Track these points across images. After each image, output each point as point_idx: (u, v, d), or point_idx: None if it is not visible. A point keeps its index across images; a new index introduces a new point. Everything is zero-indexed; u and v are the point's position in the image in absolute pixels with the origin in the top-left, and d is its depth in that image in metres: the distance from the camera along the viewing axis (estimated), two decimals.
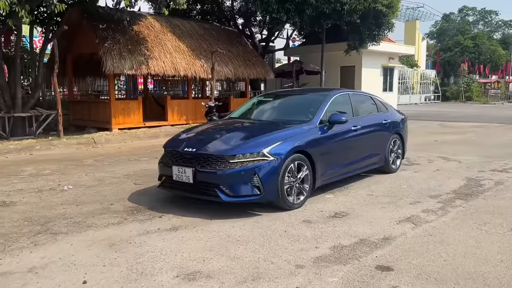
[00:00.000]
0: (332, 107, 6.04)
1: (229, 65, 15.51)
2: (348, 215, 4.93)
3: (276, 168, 4.87)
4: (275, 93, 7.72)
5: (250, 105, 7.05)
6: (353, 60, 19.90)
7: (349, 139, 6.12)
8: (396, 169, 7.36)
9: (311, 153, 5.30)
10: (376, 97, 7.48)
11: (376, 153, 6.83)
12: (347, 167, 6.15)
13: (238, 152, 4.85)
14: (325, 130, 5.69)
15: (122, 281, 3.26)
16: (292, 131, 5.42)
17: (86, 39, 13.26)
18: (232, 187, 4.77)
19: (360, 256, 3.74)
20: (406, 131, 7.87)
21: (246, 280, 3.28)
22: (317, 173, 5.43)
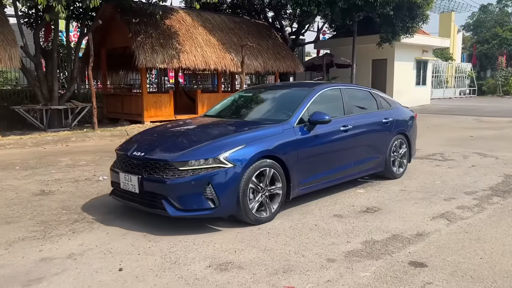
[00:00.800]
0: (317, 104, 5.21)
1: (259, 59, 15.50)
2: (380, 210, 4.86)
3: (235, 177, 4.11)
4: (258, 87, 6.63)
5: (229, 101, 6.19)
6: (385, 53, 19.53)
7: (337, 141, 5.28)
8: (400, 175, 6.45)
9: (284, 158, 4.53)
10: (378, 92, 6.58)
11: (374, 157, 5.96)
12: (335, 173, 5.30)
13: (190, 158, 4.09)
14: (305, 131, 4.86)
15: (156, 269, 3.34)
16: (261, 133, 4.60)
17: (119, 33, 13.52)
18: (181, 199, 4.03)
19: (392, 251, 3.69)
20: (415, 131, 6.93)
21: (277, 272, 3.29)
22: (292, 181, 4.65)
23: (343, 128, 5.35)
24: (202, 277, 3.21)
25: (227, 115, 5.71)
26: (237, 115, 5.64)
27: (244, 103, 6.02)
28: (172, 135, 4.89)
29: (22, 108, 11.64)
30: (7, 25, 10.52)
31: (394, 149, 6.29)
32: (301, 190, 4.85)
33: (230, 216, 4.35)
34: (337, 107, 5.56)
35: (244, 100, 6.09)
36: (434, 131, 12.60)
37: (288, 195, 4.67)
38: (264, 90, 6.18)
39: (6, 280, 3.17)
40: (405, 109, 6.89)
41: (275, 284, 3.09)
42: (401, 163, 6.50)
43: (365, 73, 20.97)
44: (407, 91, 21.46)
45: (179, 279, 3.18)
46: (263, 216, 4.40)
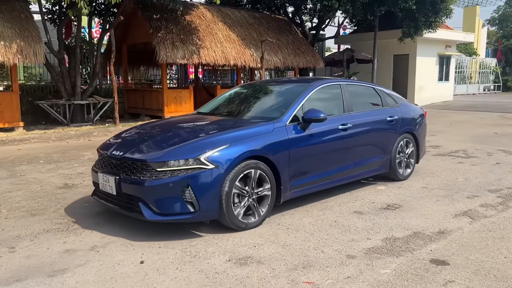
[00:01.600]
0: (314, 101, 4.90)
1: (279, 54, 15.45)
2: (401, 207, 4.81)
3: (217, 178, 3.82)
4: (254, 83, 6.17)
5: (224, 98, 5.86)
6: (407, 48, 19.20)
7: (334, 140, 4.95)
8: (407, 176, 6.08)
9: (273, 159, 4.24)
10: (383, 89, 6.16)
11: (377, 157, 5.61)
12: (332, 175, 4.98)
13: (169, 158, 3.82)
14: (298, 130, 4.55)
15: (176, 263, 3.38)
16: (248, 132, 4.28)
17: (140, 29, 13.66)
18: (159, 202, 3.77)
19: (413, 249, 3.65)
20: (424, 130, 6.53)
21: (296, 267, 3.29)
22: (283, 183, 4.36)
23: (342, 126, 5.02)
24: (222, 271, 3.23)
25: (219, 112, 5.40)
26: (229, 112, 5.32)
27: (239, 100, 5.67)
28: (156, 133, 4.59)
29: (46, 103, 11.89)
30: (32, 22, 10.74)
31: (400, 149, 5.92)
32: (294, 192, 4.55)
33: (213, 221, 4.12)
34: (336, 104, 5.26)
35: (239, 97, 5.74)
36: (457, 127, 12.36)
37: (278, 198, 4.37)
38: (259, 86, 5.89)
39: (32, 270, 3.25)
40: (413, 106, 6.55)
41: (294, 280, 3.10)
42: (408, 164, 6.12)
43: (386, 69, 20.68)
44: (429, 87, 21.09)
45: (199, 273, 3.21)
46: (251, 221, 4.10)
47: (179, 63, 13.17)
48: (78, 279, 3.11)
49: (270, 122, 4.48)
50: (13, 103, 10.86)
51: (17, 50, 9.99)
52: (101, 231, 4.09)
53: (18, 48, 10.01)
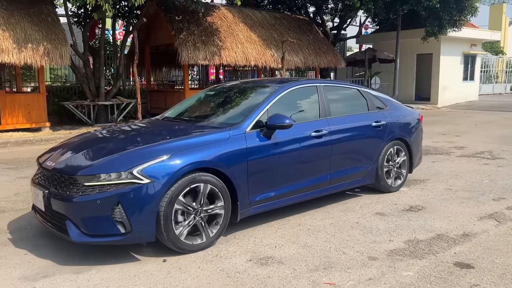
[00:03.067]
0: (283, 105, 4.40)
1: (299, 54, 15.41)
2: (424, 209, 4.74)
3: (153, 195, 3.34)
4: (223, 85, 5.53)
5: (191, 101, 5.38)
6: (431, 47, 18.87)
7: (306, 149, 4.41)
8: (397, 188, 5.47)
9: (228, 171, 3.74)
10: (370, 91, 5.59)
11: (359, 167, 5.04)
12: (303, 187, 4.45)
13: (99, 171, 3.37)
14: (262, 138, 4.04)
15: (198, 261, 3.42)
16: (198, 140, 3.79)
17: (162, 31, 13.84)
18: (86, 221, 3.33)
19: (437, 251, 3.59)
20: (418, 137, 5.88)
21: (317, 268, 3.29)
22: (240, 199, 3.85)
23: (316, 133, 4.47)
24: (243, 271, 3.26)
25: (182, 117, 4.93)
26: (191, 117, 4.88)
27: (205, 104, 5.19)
28: (99, 141, 4.15)
29: (71, 104, 12.18)
30: (58, 25, 11.01)
31: (388, 158, 5.34)
32: (255, 209, 4.04)
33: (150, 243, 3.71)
34: (310, 109, 4.74)
35: (206, 100, 5.26)
36: (482, 128, 12.09)
37: (235, 215, 3.88)
38: (229, 88, 5.23)
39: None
40: (407, 110, 5.93)
41: (315, 280, 3.10)
42: (398, 174, 5.51)
43: (409, 68, 20.38)
44: (453, 86, 20.68)
45: (221, 272, 3.24)
46: (197, 242, 3.60)
47: (201, 64, 13.27)
48: (103, 276, 3.18)
49: (226, 129, 3.96)
50: (40, 104, 11.16)
51: (44, 52, 10.25)
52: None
53: (45, 51, 10.28)
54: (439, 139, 9.81)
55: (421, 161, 6.14)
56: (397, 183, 5.51)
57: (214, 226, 3.72)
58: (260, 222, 4.33)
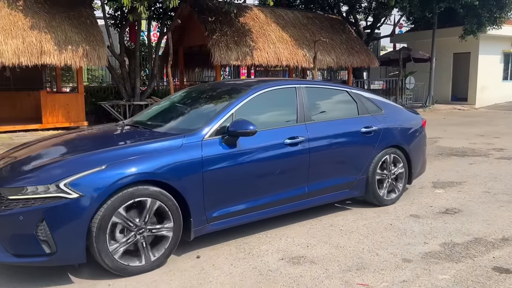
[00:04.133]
0: (253, 109, 3.94)
1: (332, 54, 15.29)
2: (461, 212, 4.62)
3: (82, 211, 2.97)
4: (195, 87, 5.10)
5: (163, 104, 4.82)
6: (469, 46, 18.27)
7: (278, 158, 3.92)
8: (392, 201, 4.89)
9: (179, 184, 3.32)
10: (361, 93, 5.00)
11: (346, 177, 4.53)
12: (275, 201, 3.96)
13: (25, 183, 3.02)
14: (224, 146, 3.60)
15: (231, 259, 3.47)
16: (144, 148, 3.36)
17: (195, 32, 14.04)
18: (10, 239, 2.99)
19: (474, 255, 3.50)
20: (420, 144, 5.30)
21: (350, 269, 3.27)
22: (193, 216, 3.43)
23: (290, 141, 3.98)
24: (275, 269, 3.28)
25: (148, 121, 4.42)
26: (155, 122, 4.32)
27: (173, 107, 4.65)
28: (40, 149, 3.76)
29: (107, 103, 12.53)
30: (96, 27, 11.38)
31: (383, 167, 4.79)
32: (214, 225, 3.60)
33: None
34: (287, 113, 4.27)
35: (175, 103, 4.70)
36: None
37: (188, 233, 3.46)
38: (200, 91, 4.80)
39: None
40: (406, 113, 5.34)
41: (348, 281, 3.08)
42: (394, 186, 4.94)
43: (446, 68, 19.82)
44: (492, 86, 19.96)
45: (253, 269, 3.28)
46: (134, 264, 3.18)
47: (233, 64, 13.38)
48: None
49: (180, 136, 3.53)
50: (79, 104, 11.56)
51: (83, 54, 10.61)
52: None
53: (83, 52, 10.64)
54: (477, 141, 9.50)
55: (425, 170, 5.56)
56: (392, 196, 4.91)
57: (158, 249, 3.28)
58: (292, 221, 4.33)
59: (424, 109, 17.36)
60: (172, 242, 3.33)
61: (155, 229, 3.26)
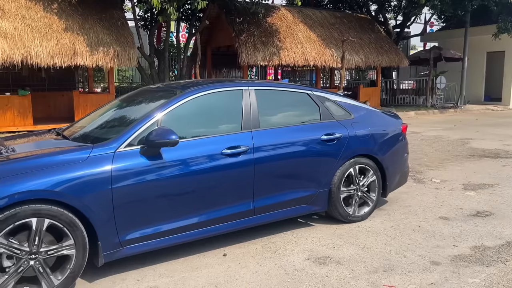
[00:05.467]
0: (185, 115, 3.53)
1: (360, 53, 15.13)
2: (493, 215, 4.50)
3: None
4: (140, 90, 4.40)
5: (102, 110, 4.19)
6: (503, 44, 17.70)
7: (212, 171, 3.43)
8: (362, 217, 4.34)
9: (79, 203, 2.88)
10: (325, 95, 4.39)
11: (302, 191, 4.00)
12: (212, 219, 3.48)
13: None
14: (143, 158, 3.15)
15: (257, 257, 3.50)
16: (38, 162, 2.92)
17: (223, 33, 14.18)
18: None
19: (506, 259, 3.41)
20: (398, 153, 4.70)
21: (377, 270, 3.25)
22: (100, 239, 2.98)
23: (230, 151, 3.49)
24: (301, 269, 3.29)
25: (77, 129, 3.87)
26: (82, 130, 3.80)
27: (106, 113, 4.04)
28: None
29: None
30: (127, 28, 11.65)
31: (348, 180, 4.25)
32: (131, 249, 3.15)
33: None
34: (229, 119, 3.77)
35: (110, 109, 4.12)
36: None
37: (97, 258, 3.04)
38: (138, 93, 4.26)
39: None
40: (383, 119, 4.74)
41: (374, 282, 3.06)
42: (364, 200, 4.38)
43: (478, 67, 19.26)
44: None
45: (279, 269, 3.30)
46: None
47: (260, 64, 13.43)
48: (167, 267, 3.34)
49: (88, 147, 3.11)
50: None
51: (114, 55, 10.89)
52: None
53: (114, 53, 10.91)
54: (510, 142, 9.21)
55: (406, 181, 5.01)
56: (362, 211, 4.37)
57: (61, 271, 2.88)
58: (318, 221, 4.34)
59: (455, 110, 16.94)
60: (77, 261, 2.89)
61: (51, 250, 2.83)
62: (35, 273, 2.78)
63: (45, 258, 2.81)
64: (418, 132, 10.95)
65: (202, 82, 4.06)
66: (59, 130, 4.00)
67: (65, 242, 2.86)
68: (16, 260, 2.73)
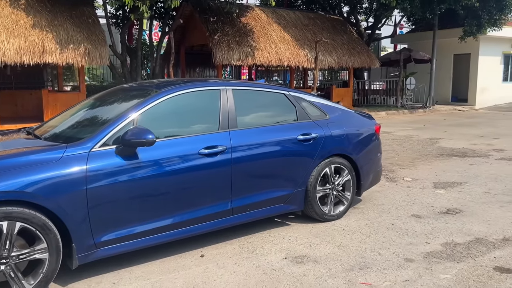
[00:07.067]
0: (162, 115, 3.50)
1: (333, 54, 15.34)
2: (462, 212, 4.65)
3: None
4: (114, 89, 4.35)
5: (77, 107, 4.11)
6: (469, 47, 18.33)
7: (188, 171, 3.42)
8: (337, 216, 4.41)
9: (51, 204, 2.81)
10: (301, 96, 4.45)
11: (279, 190, 4.03)
12: (189, 219, 3.47)
13: None
14: (119, 158, 3.10)
15: (235, 258, 3.50)
16: (8, 161, 2.86)
17: (197, 32, 14.09)
18: None
19: (475, 255, 3.54)
20: (371, 152, 4.81)
21: (353, 268, 3.31)
22: (74, 240, 2.92)
23: (207, 151, 3.49)
24: (279, 268, 3.31)
25: (48, 128, 3.78)
26: (54, 130, 3.70)
27: (80, 112, 3.95)
28: None
29: None
30: (98, 26, 11.40)
31: (324, 179, 4.33)
32: (106, 250, 3.10)
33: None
34: (206, 119, 3.78)
35: (84, 107, 4.03)
36: None
37: (71, 260, 2.98)
38: (112, 92, 4.17)
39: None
40: (357, 119, 4.85)
41: (351, 280, 3.12)
42: (339, 199, 4.47)
43: (446, 69, 19.86)
44: (492, 87, 20.01)
45: (257, 268, 3.31)
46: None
47: (234, 64, 13.42)
48: (144, 270, 3.30)
49: (61, 146, 3.03)
50: None
51: (84, 53, 10.63)
52: None
53: (85, 51, 10.65)
54: (477, 142, 9.54)
55: (379, 180, 5.15)
56: (338, 209, 4.44)
57: (34, 276, 2.82)
58: (295, 221, 4.38)
59: (424, 110, 17.40)
60: (50, 265, 2.83)
61: (23, 254, 2.75)
62: (6, 278, 2.70)
63: (16, 262, 2.73)
64: (389, 132, 11.19)
65: (178, 81, 4.02)
66: (29, 130, 3.88)
67: (38, 245, 2.79)
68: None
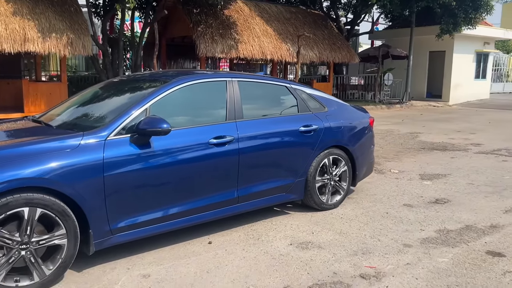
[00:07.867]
0: (173, 105, 3.58)
1: (315, 49, 15.53)
2: (450, 202, 4.90)
3: None
4: (119, 78, 4.56)
5: (84, 96, 4.13)
6: (444, 44, 18.90)
7: (200, 160, 3.50)
8: (334, 205, 4.57)
9: (71, 191, 2.85)
10: (302, 88, 4.59)
11: (282, 180, 4.15)
12: (199, 207, 3.55)
13: None
14: (133, 147, 3.16)
15: (242, 244, 3.62)
16: (26, 149, 2.85)
17: (179, 23, 14.00)
18: None
19: (468, 240, 3.76)
20: (365, 144, 4.97)
21: (356, 253, 3.47)
22: (92, 227, 2.98)
23: (216, 140, 3.58)
24: (286, 253, 3.44)
25: (58, 117, 3.79)
26: (64, 118, 3.74)
27: (89, 100, 4.03)
28: None
29: None
30: (81, 15, 11.17)
31: (323, 170, 4.46)
32: (121, 236, 3.17)
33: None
34: (215, 109, 3.87)
35: (93, 96, 4.11)
36: (497, 126, 12.19)
37: (87, 246, 3.02)
38: (120, 82, 4.30)
39: None
40: (353, 112, 5.00)
41: (356, 264, 3.28)
42: (336, 189, 4.62)
43: (422, 65, 20.42)
44: (465, 84, 20.73)
45: (265, 254, 3.43)
46: (24, 284, 2.74)
47: (218, 56, 13.42)
48: (155, 256, 3.37)
49: (78, 134, 3.05)
50: (62, 93, 11.33)
51: (67, 42, 10.40)
52: None
53: (68, 41, 10.43)
54: (455, 136, 9.94)
55: (372, 171, 5.35)
56: (335, 199, 4.61)
57: (52, 261, 2.86)
58: (293, 210, 4.52)
59: (401, 105, 17.87)
60: (68, 250, 2.88)
61: (43, 240, 2.79)
62: (26, 264, 2.74)
63: (36, 248, 2.77)
64: None
65: (185, 72, 4.11)
66: (33, 118, 3.86)
67: (57, 231, 2.83)
68: (7, 250, 2.68)
